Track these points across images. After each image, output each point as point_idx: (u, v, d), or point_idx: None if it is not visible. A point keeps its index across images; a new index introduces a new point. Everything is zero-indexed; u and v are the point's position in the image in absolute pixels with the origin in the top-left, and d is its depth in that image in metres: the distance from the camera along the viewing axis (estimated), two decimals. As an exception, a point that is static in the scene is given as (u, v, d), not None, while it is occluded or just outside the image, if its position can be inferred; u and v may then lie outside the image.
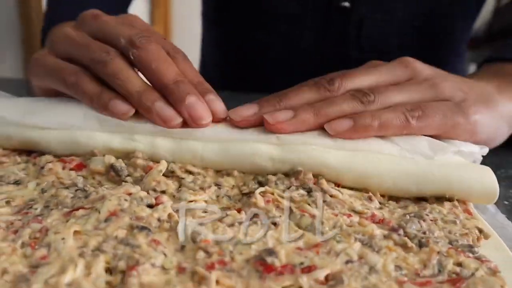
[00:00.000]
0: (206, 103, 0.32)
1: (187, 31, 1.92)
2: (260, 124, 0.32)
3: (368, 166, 0.30)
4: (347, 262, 0.22)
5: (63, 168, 0.32)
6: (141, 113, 0.32)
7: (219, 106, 0.33)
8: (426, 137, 0.33)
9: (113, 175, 0.31)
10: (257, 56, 0.66)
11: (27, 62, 1.64)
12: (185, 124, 0.32)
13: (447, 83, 0.35)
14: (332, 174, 0.30)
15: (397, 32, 0.59)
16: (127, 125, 0.32)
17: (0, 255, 0.22)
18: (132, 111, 0.32)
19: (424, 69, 0.36)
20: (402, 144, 0.32)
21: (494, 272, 0.22)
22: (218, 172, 0.32)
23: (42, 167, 0.32)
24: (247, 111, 0.32)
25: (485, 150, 0.34)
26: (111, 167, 0.31)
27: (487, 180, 0.30)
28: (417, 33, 0.60)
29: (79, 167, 0.32)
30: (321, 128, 0.32)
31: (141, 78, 0.33)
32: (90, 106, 0.33)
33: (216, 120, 0.33)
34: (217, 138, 0.32)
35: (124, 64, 0.33)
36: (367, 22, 0.59)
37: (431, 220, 0.26)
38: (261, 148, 0.31)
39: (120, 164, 0.31)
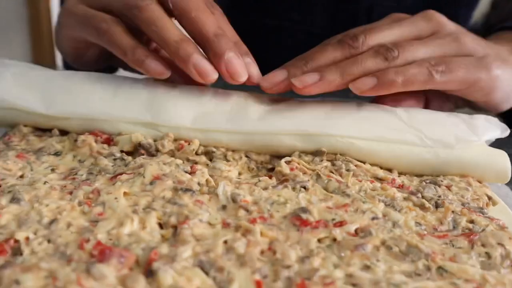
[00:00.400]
0: None
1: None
2: (290, 89, 0.33)
3: (389, 157, 0.31)
4: (373, 218, 0.25)
5: (96, 141, 0.34)
6: (177, 63, 0.32)
7: (255, 70, 0.34)
8: (453, 124, 0.33)
9: (143, 153, 0.32)
10: (268, 41, 0.68)
11: (35, 46, 1.64)
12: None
13: (469, 38, 0.36)
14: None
15: None
16: (150, 118, 0.32)
17: (61, 211, 0.24)
18: (168, 73, 0.32)
19: (447, 23, 0.36)
20: (426, 131, 0.32)
21: (502, 227, 0.25)
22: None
23: (76, 140, 0.34)
24: (277, 77, 0.33)
25: (506, 133, 0.35)
26: (139, 145, 0.32)
27: (501, 165, 0.32)
28: None
29: (108, 141, 0.34)
30: (345, 115, 0.33)
31: (179, 28, 0.32)
32: (123, 58, 0.33)
33: (249, 83, 0.34)
34: (240, 131, 0.32)
35: (161, 11, 0.32)
36: (376, 9, 0.61)
37: (446, 187, 0.29)
38: (285, 141, 0.32)
39: (148, 140, 0.32)
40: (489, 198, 0.30)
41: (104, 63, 0.44)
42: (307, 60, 0.34)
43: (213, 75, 0.31)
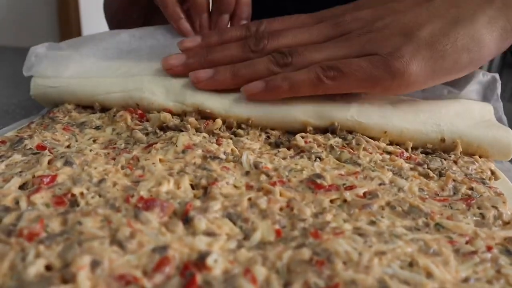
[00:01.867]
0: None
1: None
2: (186, 74, 0.38)
3: (396, 135, 0.34)
4: (380, 184, 0.28)
5: (131, 118, 0.37)
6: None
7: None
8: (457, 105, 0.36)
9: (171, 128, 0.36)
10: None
11: (62, 31, 1.69)
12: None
13: (382, 32, 0.32)
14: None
15: None
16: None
17: (107, 173, 0.28)
18: (192, 34, 0.43)
19: (357, 22, 0.35)
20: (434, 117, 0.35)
21: (498, 194, 0.28)
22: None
23: (114, 115, 0.38)
24: (176, 60, 0.38)
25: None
26: (167, 126, 0.35)
27: (505, 142, 0.34)
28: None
29: (142, 116, 0.38)
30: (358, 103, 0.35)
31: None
32: (163, 10, 0.43)
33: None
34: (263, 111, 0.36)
35: None
36: None
37: (452, 161, 0.32)
38: (299, 117, 0.35)
39: (174, 121, 0.36)
40: (492, 172, 0.33)
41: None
42: (209, 53, 0.38)
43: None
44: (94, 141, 0.34)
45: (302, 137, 0.34)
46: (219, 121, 0.36)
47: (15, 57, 0.70)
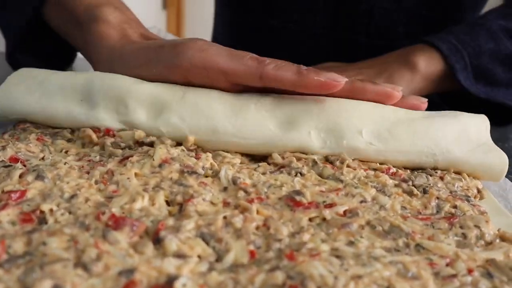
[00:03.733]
0: None
1: (200, 14, 1.96)
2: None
3: (388, 160, 0.32)
4: (361, 202, 0.27)
5: (98, 137, 0.34)
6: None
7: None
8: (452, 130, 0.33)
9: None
10: (272, 41, 0.70)
11: None
12: None
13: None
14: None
15: (404, 21, 0.62)
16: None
17: (80, 188, 0.27)
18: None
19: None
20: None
21: (482, 213, 0.27)
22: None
23: (78, 130, 0.35)
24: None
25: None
26: (142, 142, 0.33)
27: (498, 167, 0.32)
28: (424, 22, 0.63)
29: (108, 132, 0.35)
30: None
31: None
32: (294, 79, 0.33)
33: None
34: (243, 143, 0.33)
35: None
36: (376, 11, 0.63)
37: (438, 177, 0.31)
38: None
39: (150, 138, 0.33)
40: (479, 191, 0.32)
41: None
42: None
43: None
44: (66, 152, 0.33)
45: (279, 154, 0.32)
46: (191, 138, 0.33)
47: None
